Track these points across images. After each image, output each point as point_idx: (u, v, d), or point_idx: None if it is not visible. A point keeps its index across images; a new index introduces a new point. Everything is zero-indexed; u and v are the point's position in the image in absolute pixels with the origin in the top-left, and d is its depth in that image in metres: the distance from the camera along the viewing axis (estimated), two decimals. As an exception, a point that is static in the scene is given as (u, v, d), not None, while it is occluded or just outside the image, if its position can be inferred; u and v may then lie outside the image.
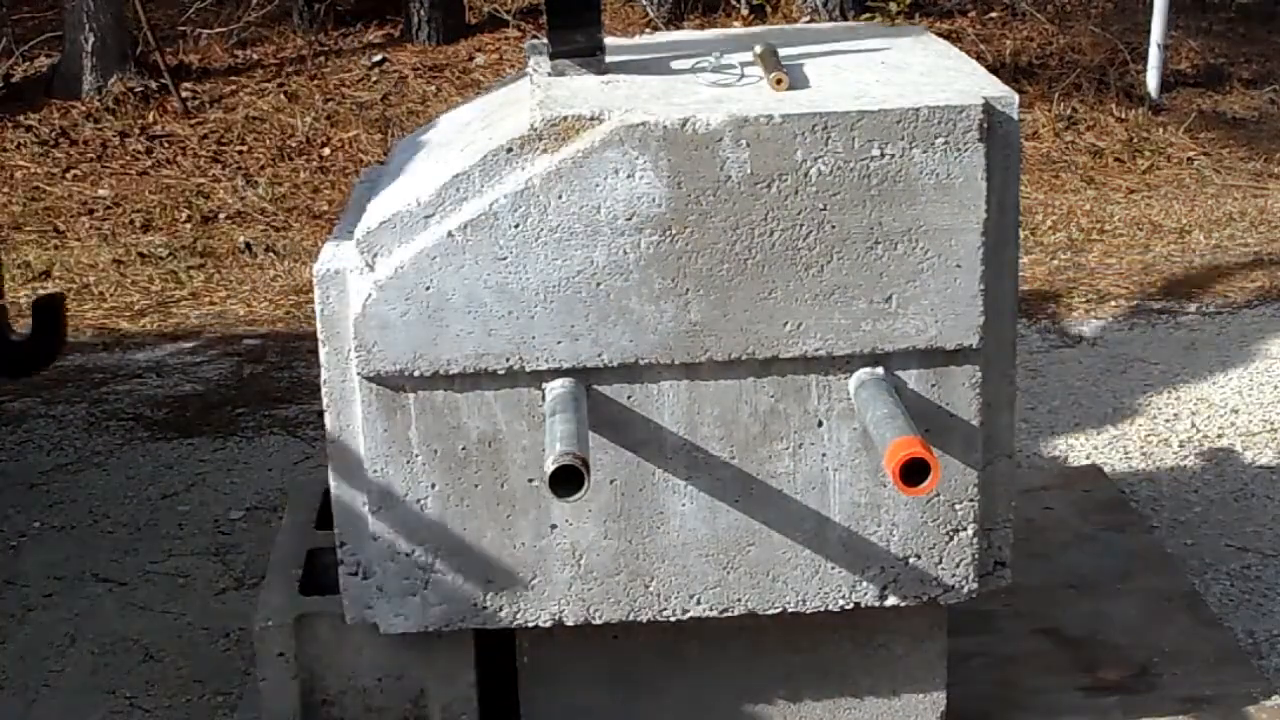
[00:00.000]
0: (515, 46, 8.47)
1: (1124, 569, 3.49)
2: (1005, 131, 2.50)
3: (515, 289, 2.45)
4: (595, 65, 2.74)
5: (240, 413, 4.79)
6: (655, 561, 2.60)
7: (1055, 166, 7.41)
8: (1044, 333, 5.27)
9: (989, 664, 3.12)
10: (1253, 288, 5.66)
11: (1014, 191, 2.55)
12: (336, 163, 7.52)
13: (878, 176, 2.44)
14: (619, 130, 2.41)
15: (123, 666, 3.39)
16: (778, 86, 2.55)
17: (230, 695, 3.25)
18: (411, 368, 2.47)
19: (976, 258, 2.48)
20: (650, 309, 2.47)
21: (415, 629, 2.64)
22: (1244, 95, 8.32)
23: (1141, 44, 8.28)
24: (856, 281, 2.47)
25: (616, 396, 2.52)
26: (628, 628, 2.70)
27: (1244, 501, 3.96)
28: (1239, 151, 7.64)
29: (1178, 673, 3.09)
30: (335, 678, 2.78)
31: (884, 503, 2.58)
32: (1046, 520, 3.72)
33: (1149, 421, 4.47)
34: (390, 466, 2.53)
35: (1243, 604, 3.46)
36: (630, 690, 2.78)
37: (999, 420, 2.63)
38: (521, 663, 2.76)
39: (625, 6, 9.01)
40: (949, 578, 2.63)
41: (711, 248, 2.45)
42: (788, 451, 2.56)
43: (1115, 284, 5.78)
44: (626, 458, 2.55)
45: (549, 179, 2.42)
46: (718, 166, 2.42)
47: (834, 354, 2.51)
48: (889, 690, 2.79)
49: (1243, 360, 4.94)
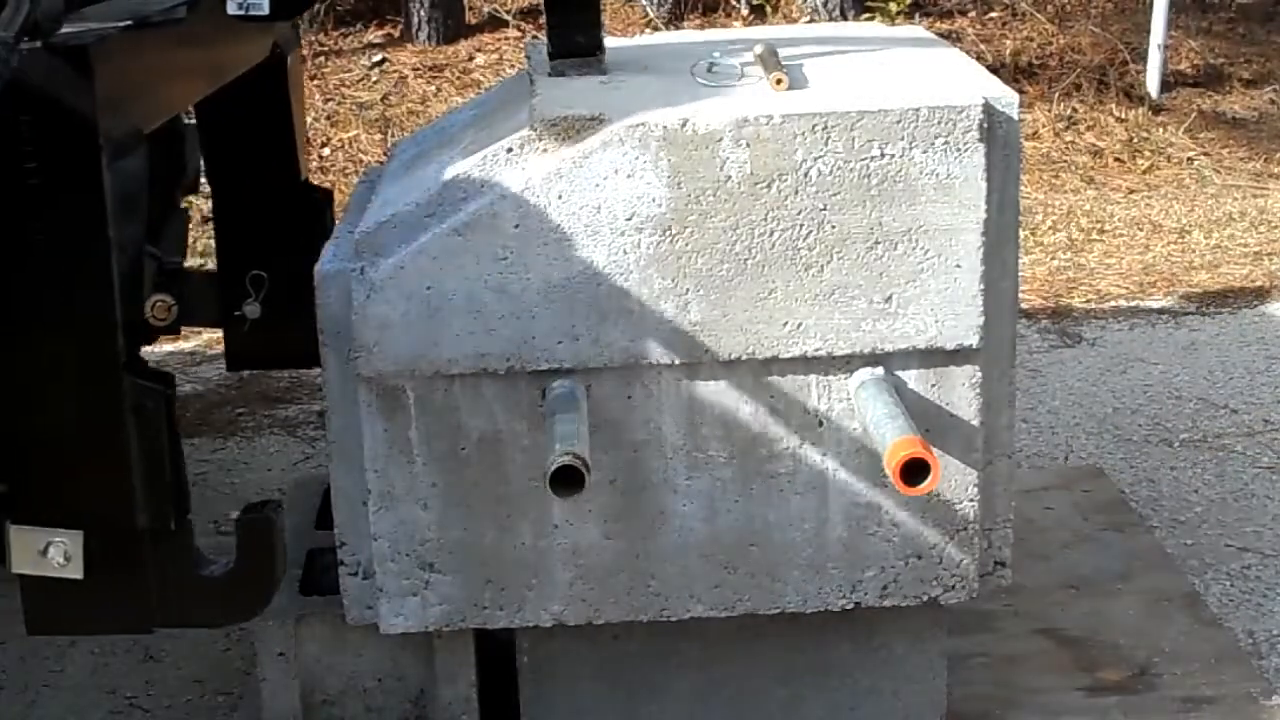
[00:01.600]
0: (515, 46, 8.46)
1: (1124, 569, 3.49)
2: (1005, 131, 2.50)
3: (515, 289, 2.45)
4: (595, 65, 2.74)
5: (240, 413, 4.78)
6: (655, 562, 2.60)
7: (1055, 166, 7.41)
8: (1044, 333, 5.27)
9: (989, 664, 3.12)
10: (1253, 288, 5.66)
11: (1014, 191, 2.55)
12: (336, 163, 7.52)
13: (878, 176, 2.44)
14: (619, 130, 2.41)
15: (123, 666, 3.38)
16: (778, 86, 2.55)
17: (230, 695, 3.24)
18: (412, 368, 2.47)
19: (976, 257, 2.48)
20: (650, 309, 2.47)
21: (415, 629, 2.64)
22: (1244, 95, 8.32)
23: (1141, 44, 8.28)
24: (856, 281, 2.47)
25: (616, 396, 2.52)
26: (628, 628, 2.70)
27: (1244, 501, 3.96)
28: (1239, 151, 7.63)
29: (1178, 673, 3.08)
30: (335, 678, 2.78)
31: (884, 503, 2.58)
32: (1046, 520, 3.72)
33: (1149, 421, 4.47)
34: (390, 466, 2.53)
35: (1243, 604, 3.46)
36: (630, 690, 2.78)
37: (999, 420, 2.63)
38: (521, 663, 2.76)
39: (625, 6, 9.01)
40: (949, 578, 2.63)
41: (711, 248, 2.45)
42: (788, 451, 2.56)
43: (1115, 284, 5.77)
44: (626, 458, 2.55)
45: (549, 179, 2.42)
46: (718, 166, 2.42)
47: (834, 354, 2.51)
48: (889, 690, 2.79)
49: (1243, 360, 4.93)
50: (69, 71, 2.00)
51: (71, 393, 2.12)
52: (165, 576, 2.24)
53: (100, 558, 2.18)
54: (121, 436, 2.14)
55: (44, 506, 2.17)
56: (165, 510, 2.21)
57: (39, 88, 1.97)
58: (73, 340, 2.12)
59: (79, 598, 2.21)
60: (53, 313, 2.10)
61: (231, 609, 2.34)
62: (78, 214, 2.05)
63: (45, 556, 2.18)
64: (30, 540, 2.17)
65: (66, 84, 2.00)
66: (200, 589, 2.27)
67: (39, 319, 2.10)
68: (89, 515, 2.17)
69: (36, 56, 1.95)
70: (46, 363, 2.12)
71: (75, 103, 2.01)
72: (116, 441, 2.14)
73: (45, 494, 2.17)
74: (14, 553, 2.18)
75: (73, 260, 2.08)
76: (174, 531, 2.22)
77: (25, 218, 2.04)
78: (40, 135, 2.01)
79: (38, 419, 2.13)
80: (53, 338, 2.11)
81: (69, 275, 2.08)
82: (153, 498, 2.19)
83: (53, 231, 2.05)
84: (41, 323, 2.10)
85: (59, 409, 2.13)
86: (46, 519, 2.17)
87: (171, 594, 2.25)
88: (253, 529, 2.26)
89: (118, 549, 2.19)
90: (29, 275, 2.07)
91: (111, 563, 2.20)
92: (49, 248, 2.06)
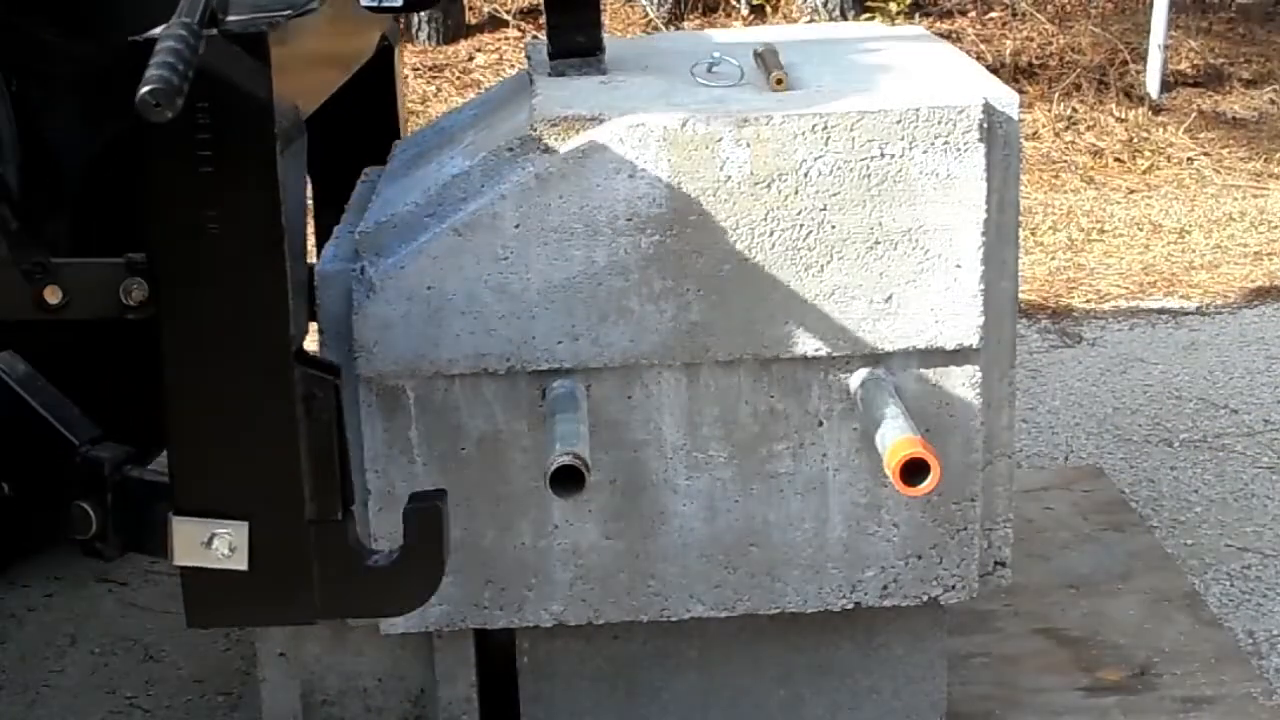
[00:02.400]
0: (515, 46, 8.47)
1: (1124, 569, 3.49)
2: (1005, 131, 2.50)
3: (515, 289, 2.45)
4: (595, 65, 2.74)
5: (240, 413, 4.78)
6: (656, 562, 2.60)
7: (1055, 166, 7.41)
8: (1044, 333, 5.27)
9: (989, 664, 3.12)
10: (1253, 288, 5.66)
11: (1014, 191, 2.55)
12: (337, 162, 7.50)
13: (878, 176, 2.44)
14: (619, 130, 2.41)
15: (123, 666, 3.39)
16: (778, 86, 2.55)
17: (230, 695, 3.24)
18: (412, 368, 2.47)
19: (976, 258, 2.48)
20: (650, 309, 2.47)
21: (415, 629, 2.64)
22: (1244, 95, 8.32)
23: (1141, 44, 8.28)
24: (856, 281, 2.47)
25: (616, 396, 2.52)
26: (628, 628, 2.70)
27: (1244, 501, 3.96)
28: (1239, 151, 7.64)
29: (1178, 673, 3.09)
30: (335, 678, 2.78)
31: (884, 503, 2.58)
32: (1046, 520, 3.72)
33: (1149, 421, 4.47)
34: (390, 466, 2.53)
35: (1243, 604, 3.46)
36: (630, 690, 2.78)
37: (999, 420, 2.63)
38: (521, 663, 2.76)
39: (625, 6, 9.01)
40: (949, 578, 2.63)
41: (712, 248, 2.45)
42: (788, 451, 2.56)
43: (1115, 284, 5.78)
44: (626, 458, 2.55)
45: (549, 179, 2.42)
46: (718, 166, 2.42)
47: (834, 354, 2.51)
48: (889, 690, 2.79)
49: (1243, 360, 4.94)
50: (248, 59, 1.98)
51: (243, 383, 2.09)
52: (329, 567, 2.19)
53: (266, 549, 2.14)
54: (292, 426, 2.11)
55: (210, 498, 2.13)
56: (333, 500, 2.17)
57: (218, 75, 1.94)
58: (245, 330, 2.08)
59: (242, 589, 2.17)
60: (225, 302, 2.06)
61: (398, 598, 2.27)
62: (254, 202, 2.03)
63: (209, 548, 2.14)
64: (193, 532, 2.13)
65: (245, 72, 1.98)
66: (365, 579, 2.22)
67: (211, 308, 2.06)
68: (256, 506, 2.14)
69: (216, 44, 1.95)
70: (218, 353, 2.09)
71: (253, 90, 1.99)
72: (287, 431, 2.10)
73: (212, 485, 2.13)
74: (176, 545, 2.14)
75: (247, 249, 2.05)
76: (339, 521, 2.18)
77: (200, 207, 2.02)
78: (217, 124, 1.99)
79: (207, 410, 2.10)
80: (225, 327, 2.08)
81: (243, 264, 2.05)
82: (321, 488, 2.15)
83: (227, 220, 2.02)
84: (214, 312, 2.07)
85: (230, 399, 2.09)
86: (211, 510, 2.14)
87: (336, 584, 2.19)
88: (422, 518, 2.19)
89: (284, 540, 2.15)
90: (202, 265, 2.04)
91: (277, 554, 2.15)
92: (223, 236, 2.03)
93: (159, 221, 2.05)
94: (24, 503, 2.23)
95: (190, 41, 1.87)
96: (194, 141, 2.00)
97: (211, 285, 2.06)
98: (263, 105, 2.01)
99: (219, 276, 2.06)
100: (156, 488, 2.18)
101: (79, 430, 2.21)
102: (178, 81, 1.82)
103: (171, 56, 1.83)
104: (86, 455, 2.19)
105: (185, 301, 2.07)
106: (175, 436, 2.13)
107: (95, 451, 2.20)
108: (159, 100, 1.80)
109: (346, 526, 2.19)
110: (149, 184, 2.04)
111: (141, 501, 2.20)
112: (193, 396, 2.11)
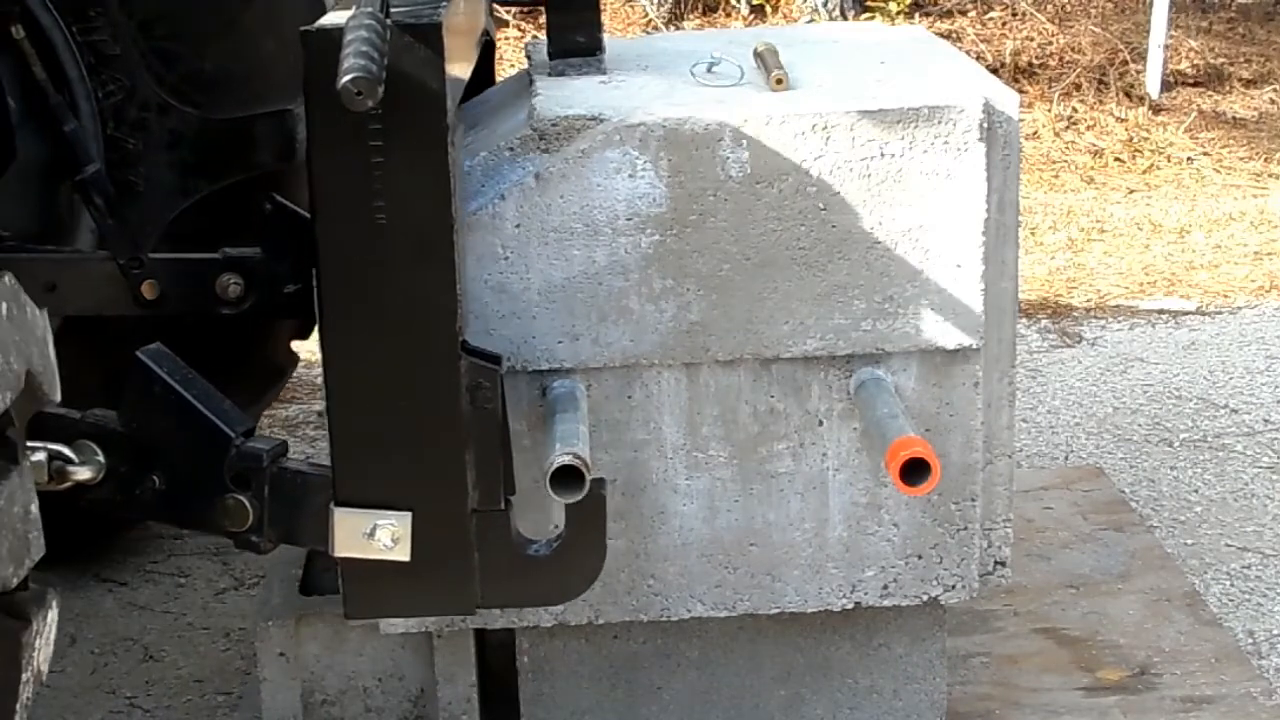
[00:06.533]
0: (515, 46, 8.47)
1: (1124, 569, 3.49)
2: (1005, 131, 2.50)
3: (515, 289, 2.45)
4: (595, 65, 2.74)
5: (240, 413, 4.78)
6: (656, 562, 2.60)
7: (1055, 166, 7.41)
8: (1044, 333, 5.27)
9: (989, 664, 3.12)
10: (1253, 288, 5.66)
11: (1014, 191, 2.55)
12: (336, 163, 7.51)
13: (878, 176, 2.44)
14: (619, 130, 2.41)
15: (123, 666, 3.39)
16: (778, 86, 2.55)
17: (230, 695, 3.24)
18: (412, 368, 2.47)
19: (976, 257, 2.48)
20: (650, 309, 2.47)
21: (415, 629, 2.64)
22: (1244, 95, 8.32)
23: (1141, 44, 8.28)
24: (856, 281, 2.47)
25: (616, 396, 2.52)
26: (628, 628, 2.70)
27: (1244, 501, 3.96)
28: (1239, 151, 7.63)
29: (1178, 672, 3.09)
30: (335, 678, 2.78)
31: (884, 503, 2.58)
32: (1046, 520, 3.72)
33: (1149, 421, 4.47)
34: (390, 466, 2.53)
35: (1243, 604, 3.46)
36: (630, 690, 2.78)
37: (999, 420, 2.63)
38: (521, 663, 2.76)
39: (625, 6, 9.01)
40: (949, 578, 2.63)
41: (712, 248, 2.45)
42: (788, 451, 2.56)
43: (1115, 284, 5.78)
44: (626, 458, 2.55)
45: (549, 179, 2.42)
46: (718, 166, 2.42)
47: (834, 354, 2.51)
48: (889, 690, 2.79)
49: (1243, 360, 4.94)
50: (421, 49, 1.98)
51: (411, 374, 2.08)
52: (492, 557, 2.19)
53: (428, 539, 2.13)
54: (458, 416, 2.10)
55: (373, 489, 2.12)
56: (496, 490, 2.16)
57: (393, 65, 1.91)
58: (415, 321, 2.07)
59: (404, 580, 2.16)
60: (396, 293, 2.05)
61: (558, 587, 2.28)
62: (427, 192, 2.02)
63: (371, 539, 2.13)
64: (356, 523, 2.12)
65: (419, 61, 1.98)
66: (526, 568, 2.22)
67: (382, 300, 2.05)
68: (420, 497, 2.13)
69: (392, 34, 1.93)
70: (387, 344, 2.07)
71: (427, 80, 1.99)
72: (453, 422, 2.10)
73: (377, 476, 2.12)
74: (338, 536, 2.12)
75: (419, 240, 2.04)
76: (502, 511, 2.17)
77: (369, 198, 2.01)
78: (390, 113, 1.97)
79: (373, 401, 2.09)
80: (395, 318, 2.06)
81: (414, 255, 2.04)
82: (485, 477, 2.15)
83: (397, 211, 2.01)
84: (384, 304, 2.06)
85: (397, 391, 2.08)
86: (374, 501, 2.13)
87: (497, 574, 2.19)
88: (584, 507, 2.19)
89: (447, 530, 2.14)
90: (374, 256, 2.03)
91: (440, 544, 2.14)
92: (395, 228, 2.02)
93: (326, 213, 2.02)
94: (175, 496, 2.18)
95: (380, 31, 1.85)
96: (366, 131, 1.98)
97: (380, 277, 2.04)
98: (437, 95, 1.99)
99: (391, 269, 2.03)
100: (314, 479, 2.16)
101: (234, 422, 2.18)
102: (377, 70, 1.80)
103: (367, 45, 1.81)
104: (243, 448, 2.17)
105: (352, 293, 2.05)
106: (338, 429, 2.11)
107: (252, 444, 2.18)
108: (361, 89, 1.79)
109: (509, 516, 2.18)
110: (316, 176, 2.01)
111: (298, 493, 2.18)
112: (358, 388, 2.09)
